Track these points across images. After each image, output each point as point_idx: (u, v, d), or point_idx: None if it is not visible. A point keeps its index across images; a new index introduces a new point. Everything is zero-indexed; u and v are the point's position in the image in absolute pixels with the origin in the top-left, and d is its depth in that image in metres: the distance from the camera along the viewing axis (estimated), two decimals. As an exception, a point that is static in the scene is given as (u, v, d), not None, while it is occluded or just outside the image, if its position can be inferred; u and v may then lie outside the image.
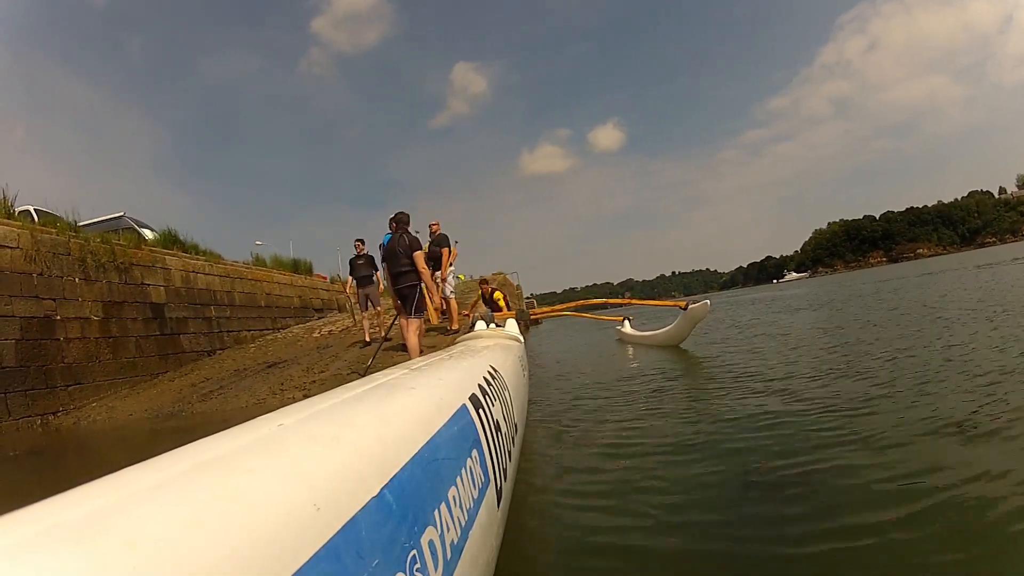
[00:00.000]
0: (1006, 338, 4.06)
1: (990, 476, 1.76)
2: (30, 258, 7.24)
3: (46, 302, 7.35)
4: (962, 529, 1.51)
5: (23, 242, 7.23)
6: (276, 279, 12.98)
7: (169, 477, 0.52)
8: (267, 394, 6.34)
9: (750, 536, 1.65)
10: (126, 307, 8.61)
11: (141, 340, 8.75)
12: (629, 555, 1.63)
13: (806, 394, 3.26)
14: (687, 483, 2.12)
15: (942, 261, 41.08)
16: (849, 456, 2.17)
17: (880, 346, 4.66)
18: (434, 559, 0.72)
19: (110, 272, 8.40)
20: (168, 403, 7.02)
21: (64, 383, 7.33)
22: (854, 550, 1.48)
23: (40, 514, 0.42)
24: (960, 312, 6.29)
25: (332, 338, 9.57)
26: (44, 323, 7.26)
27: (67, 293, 7.67)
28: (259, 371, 7.79)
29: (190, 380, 8.14)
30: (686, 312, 6.80)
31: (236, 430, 0.69)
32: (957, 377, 3.17)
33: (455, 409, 1.13)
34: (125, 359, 8.38)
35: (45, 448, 5.72)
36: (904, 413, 2.61)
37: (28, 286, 7.15)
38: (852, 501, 1.78)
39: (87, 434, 6.16)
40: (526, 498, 2.08)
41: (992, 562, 1.37)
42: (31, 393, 6.89)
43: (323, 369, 6.97)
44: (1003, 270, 14.21)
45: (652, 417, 3.27)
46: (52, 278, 7.49)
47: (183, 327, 9.68)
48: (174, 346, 9.40)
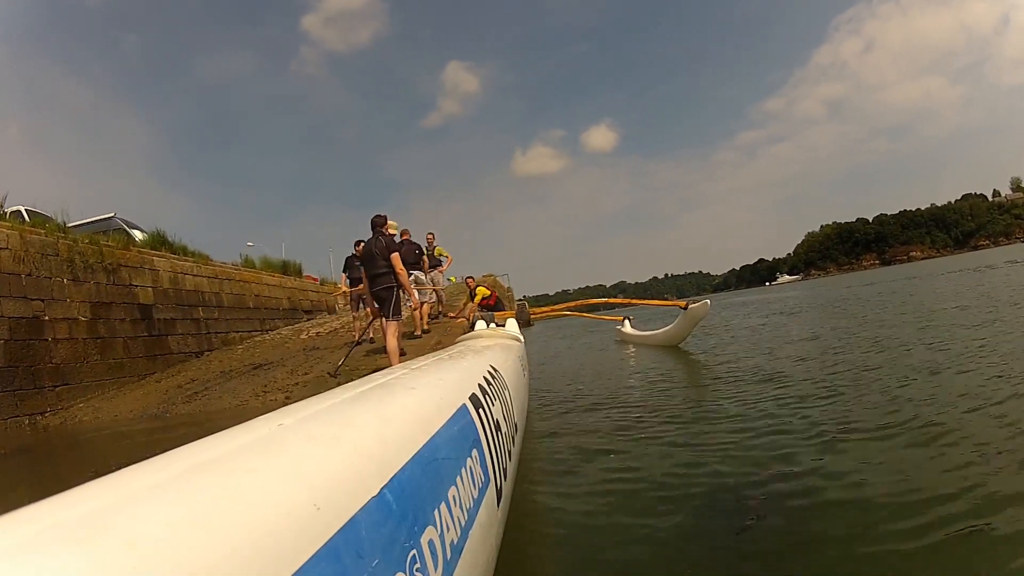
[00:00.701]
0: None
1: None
2: (19, 259, 7.24)
3: (35, 303, 7.36)
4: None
5: (12, 243, 7.25)
6: (265, 280, 12.96)
7: (169, 477, 0.52)
8: (250, 396, 6.32)
9: (748, 536, 1.65)
10: (114, 308, 8.59)
11: (129, 341, 8.74)
12: (629, 555, 1.63)
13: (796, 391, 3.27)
14: (687, 484, 2.12)
15: (932, 264, 41.18)
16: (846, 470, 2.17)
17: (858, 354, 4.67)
18: (434, 559, 0.72)
19: (98, 273, 8.41)
20: (153, 404, 7.00)
21: (52, 384, 7.33)
22: (861, 556, 1.48)
23: (40, 514, 0.42)
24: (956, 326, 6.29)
25: (320, 339, 9.55)
26: (32, 323, 7.26)
27: (55, 294, 7.68)
28: (245, 373, 7.77)
29: (176, 381, 8.13)
30: (686, 312, 6.80)
31: (236, 430, 0.69)
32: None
33: (455, 409, 1.13)
34: (113, 360, 8.37)
35: (33, 447, 5.77)
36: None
37: (17, 287, 7.16)
38: (862, 520, 1.79)
39: (74, 434, 6.20)
40: (526, 498, 2.09)
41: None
42: (19, 393, 6.88)
43: (307, 371, 6.93)
44: (993, 273, 14.21)
45: (652, 417, 3.27)
46: (41, 279, 7.50)
47: (171, 328, 9.68)
48: (162, 347, 9.39)
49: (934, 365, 3.57)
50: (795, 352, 5.14)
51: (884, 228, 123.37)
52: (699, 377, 4.94)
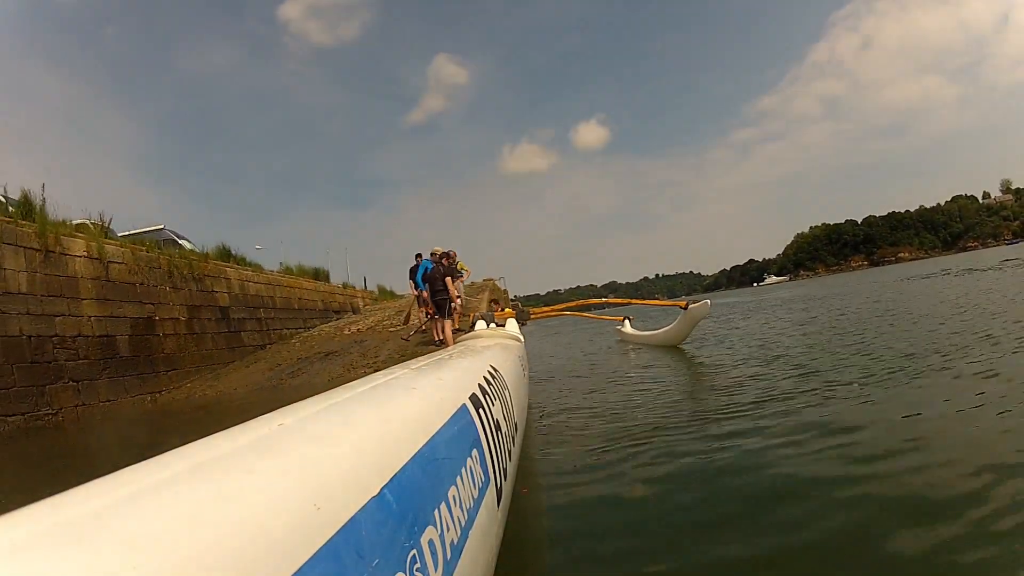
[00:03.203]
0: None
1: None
2: (132, 271, 9.04)
3: (147, 306, 9.18)
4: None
5: (126, 257, 9.00)
6: (304, 286, 15.15)
7: (169, 477, 0.52)
8: (341, 371, 7.87)
9: (748, 536, 1.65)
10: (203, 309, 10.59)
11: (215, 336, 10.75)
12: (629, 555, 1.63)
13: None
14: (688, 484, 2.12)
15: (918, 265, 41.66)
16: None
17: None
18: (434, 559, 0.72)
19: (189, 281, 10.38)
20: (262, 380, 8.66)
21: (165, 369, 9.20)
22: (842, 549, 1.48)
23: (40, 514, 0.42)
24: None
25: (363, 335, 11.15)
26: (147, 322, 9.09)
27: (161, 298, 9.55)
28: (320, 358, 9.37)
29: (263, 366, 9.83)
30: (686, 312, 6.80)
31: (236, 430, 0.69)
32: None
33: (455, 409, 1.13)
34: (205, 350, 10.30)
35: (173, 413, 7.44)
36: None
37: (133, 293, 8.97)
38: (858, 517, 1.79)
39: (201, 403, 7.91)
40: (526, 498, 2.09)
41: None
42: (142, 376, 8.71)
43: (376, 355, 8.52)
44: (974, 276, 14.25)
45: (652, 420, 3.27)
46: (150, 287, 9.34)
47: (243, 326, 11.73)
48: (238, 341, 11.38)
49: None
50: (793, 359, 5.14)
51: (873, 229, 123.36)
52: (699, 378, 4.94)
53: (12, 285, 7.08)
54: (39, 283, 7.48)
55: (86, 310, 8.06)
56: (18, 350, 6.95)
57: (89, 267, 8.29)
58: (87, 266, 8.26)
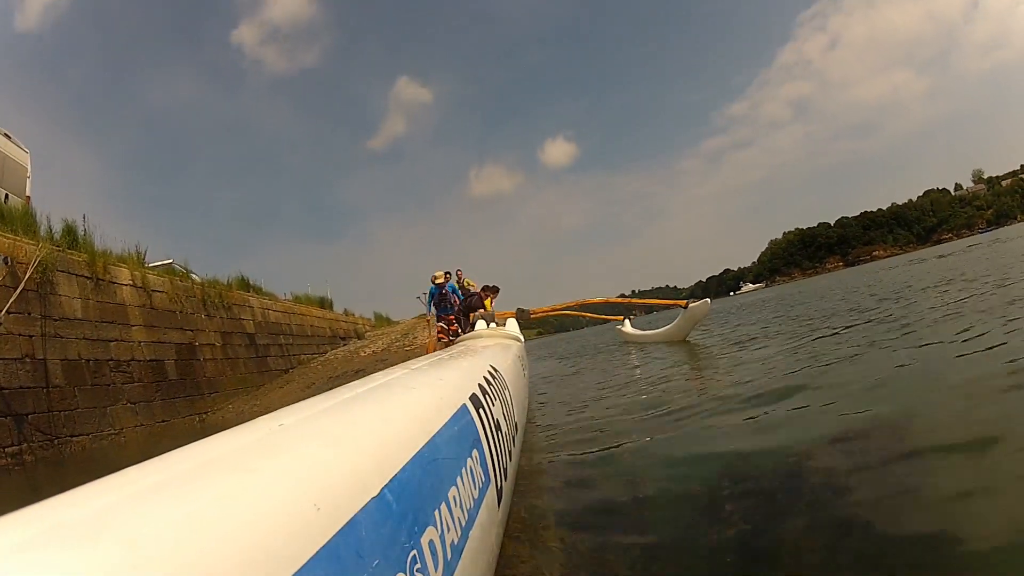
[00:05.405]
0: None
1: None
2: (173, 299, 9.66)
3: (188, 332, 9.79)
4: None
5: (166, 287, 9.65)
6: (314, 313, 16.19)
7: (169, 477, 0.52)
8: None
9: (746, 536, 1.65)
10: (234, 336, 11.39)
11: (246, 360, 11.55)
12: (629, 555, 1.63)
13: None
14: (688, 484, 2.12)
15: (892, 261, 42.10)
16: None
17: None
18: (434, 559, 0.72)
19: (220, 309, 11.14)
20: (303, 396, 8.80)
21: (209, 392, 9.78)
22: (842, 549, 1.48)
23: (41, 514, 0.42)
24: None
25: (380, 355, 11.98)
26: (189, 348, 9.66)
27: (199, 325, 10.20)
28: (351, 376, 9.67)
29: (297, 386, 10.40)
30: (687, 311, 6.82)
31: (236, 430, 0.69)
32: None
33: (455, 409, 1.13)
34: (239, 374, 11.01)
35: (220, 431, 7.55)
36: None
37: (174, 320, 9.53)
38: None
39: (251, 419, 8.17)
40: (526, 498, 2.08)
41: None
42: (189, 398, 9.16)
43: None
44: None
45: (652, 419, 3.27)
46: (188, 314, 9.96)
47: (267, 351, 12.59)
48: (265, 365, 12.22)
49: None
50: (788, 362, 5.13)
51: (846, 230, 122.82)
52: (700, 379, 4.93)
53: (68, 311, 7.36)
54: (93, 309, 7.80)
55: (136, 336, 8.47)
56: (79, 373, 7.18)
57: (135, 295, 8.78)
58: (133, 294, 8.74)
